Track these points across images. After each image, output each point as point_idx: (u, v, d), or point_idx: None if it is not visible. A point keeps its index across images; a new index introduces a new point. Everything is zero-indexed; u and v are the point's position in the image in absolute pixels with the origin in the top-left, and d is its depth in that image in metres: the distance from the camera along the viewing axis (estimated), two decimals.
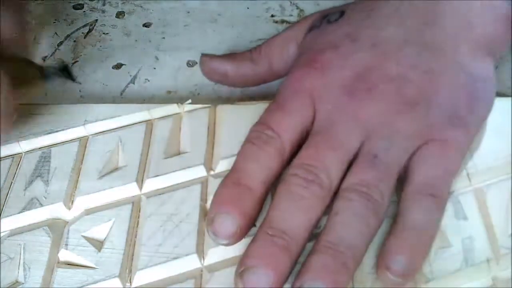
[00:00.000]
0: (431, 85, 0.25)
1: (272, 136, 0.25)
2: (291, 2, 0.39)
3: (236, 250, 0.25)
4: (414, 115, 0.24)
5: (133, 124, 0.31)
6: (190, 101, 0.31)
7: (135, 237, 0.26)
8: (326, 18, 0.29)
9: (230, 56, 0.32)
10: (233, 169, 0.25)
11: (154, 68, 0.36)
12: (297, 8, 0.39)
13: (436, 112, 0.25)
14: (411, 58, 0.26)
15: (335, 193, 0.24)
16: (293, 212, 0.23)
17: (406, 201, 0.23)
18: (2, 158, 0.30)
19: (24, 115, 0.31)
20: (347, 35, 0.27)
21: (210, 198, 0.27)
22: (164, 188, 0.28)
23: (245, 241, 0.24)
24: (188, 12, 0.40)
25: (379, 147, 0.24)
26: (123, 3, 0.41)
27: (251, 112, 0.28)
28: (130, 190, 0.28)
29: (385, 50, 0.26)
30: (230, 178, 0.24)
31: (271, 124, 0.25)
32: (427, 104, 0.25)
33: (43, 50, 0.37)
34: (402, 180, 0.25)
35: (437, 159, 0.24)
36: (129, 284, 0.25)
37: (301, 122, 0.26)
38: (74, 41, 0.38)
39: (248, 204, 0.24)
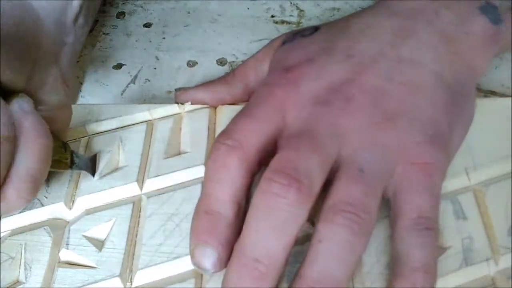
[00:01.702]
0: (410, 98, 0.24)
1: (233, 145, 0.23)
2: (291, 3, 0.39)
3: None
4: (395, 129, 0.24)
5: (133, 124, 0.31)
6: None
7: (136, 236, 0.26)
8: (300, 33, 0.29)
9: (204, 85, 0.32)
10: (203, 194, 0.24)
11: (155, 68, 0.36)
12: (297, 8, 0.39)
13: (417, 128, 0.24)
14: (387, 70, 0.25)
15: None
16: (268, 233, 0.21)
17: (404, 239, 0.22)
18: None
19: None
20: (322, 48, 0.27)
21: None
22: (165, 188, 0.28)
23: None
24: (188, 13, 0.40)
25: (364, 159, 0.23)
26: (123, 3, 0.41)
27: None
28: (131, 190, 0.28)
29: (360, 61, 0.25)
30: (201, 206, 0.24)
31: (233, 132, 0.24)
32: (407, 119, 0.24)
33: None
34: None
35: (424, 185, 0.23)
36: (129, 283, 0.25)
37: (268, 128, 0.24)
38: None
39: (222, 231, 0.23)
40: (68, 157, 0.27)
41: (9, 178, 0.23)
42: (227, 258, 0.23)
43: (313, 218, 0.24)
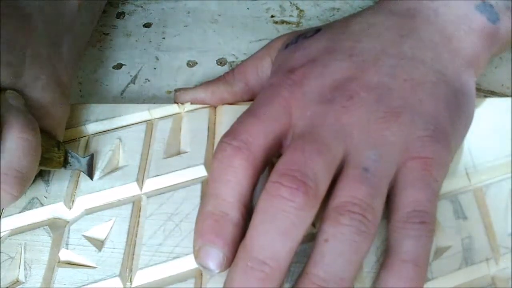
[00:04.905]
0: (413, 94, 0.24)
1: (239, 146, 0.23)
2: (291, 3, 0.39)
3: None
4: (399, 125, 0.24)
5: (133, 124, 0.31)
6: None
7: (136, 236, 0.26)
8: (303, 34, 0.29)
9: (204, 85, 0.32)
10: (208, 194, 0.24)
11: (154, 68, 0.36)
12: (297, 8, 0.39)
13: (421, 124, 0.24)
14: (390, 67, 0.25)
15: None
16: (275, 236, 0.21)
17: (397, 231, 0.22)
18: None
19: None
20: (324, 48, 0.27)
21: None
22: (164, 188, 0.28)
23: None
24: (188, 13, 0.40)
25: (368, 158, 0.23)
26: (123, 3, 0.41)
27: None
28: (131, 189, 0.28)
29: (363, 59, 0.25)
30: (206, 207, 0.24)
31: (239, 132, 0.24)
32: (411, 114, 0.24)
33: None
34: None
35: (422, 180, 0.23)
36: (129, 283, 0.25)
37: (274, 128, 0.24)
38: None
39: (228, 231, 0.23)
40: (62, 155, 0.27)
41: None
42: (232, 259, 0.23)
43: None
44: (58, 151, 0.27)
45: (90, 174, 0.28)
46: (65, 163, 0.28)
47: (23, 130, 0.24)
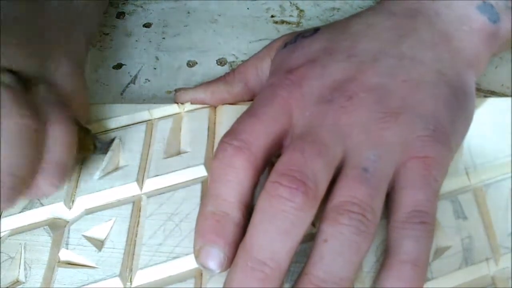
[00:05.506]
0: (412, 94, 0.24)
1: (240, 146, 0.23)
2: (291, 3, 0.39)
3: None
4: (399, 125, 0.24)
5: (133, 124, 0.31)
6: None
7: (136, 236, 0.26)
8: (301, 34, 0.29)
9: (204, 85, 0.32)
10: (209, 194, 0.24)
11: (154, 68, 0.36)
12: (297, 8, 0.39)
13: (420, 124, 0.24)
14: (389, 68, 0.25)
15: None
16: (275, 237, 0.21)
17: (397, 231, 0.22)
18: None
19: None
20: (323, 49, 0.27)
21: None
22: (165, 187, 0.28)
23: None
24: (188, 13, 0.40)
25: (368, 158, 0.23)
26: (123, 3, 0.41)
27: None
28: (131, 189, 0.28)
29: (362, 60, 0.25)
30: (207, 206, 0.23)
31: (240, 132, 0.24)
32: (410, 115, 0.24)
33: None
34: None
35: (422, 180, 0.23)
36: (129, 283, 0.25)
37: (274, 128, 0.24)
38: None
39: (229, 231, 0.23)
40: (91, 142, 0.28)
41: (41, 167, 0.24)
42: (232, 258, 0.23)
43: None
44: (88, 137, 0.28)
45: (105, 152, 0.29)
46: (94, 149, 0.28)
47: (66, 125, 0.25)
